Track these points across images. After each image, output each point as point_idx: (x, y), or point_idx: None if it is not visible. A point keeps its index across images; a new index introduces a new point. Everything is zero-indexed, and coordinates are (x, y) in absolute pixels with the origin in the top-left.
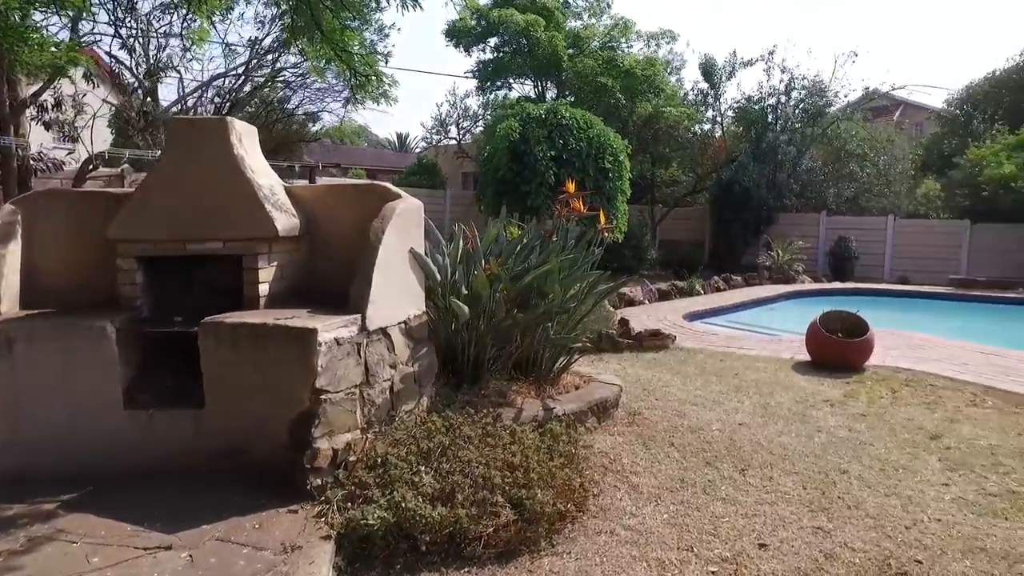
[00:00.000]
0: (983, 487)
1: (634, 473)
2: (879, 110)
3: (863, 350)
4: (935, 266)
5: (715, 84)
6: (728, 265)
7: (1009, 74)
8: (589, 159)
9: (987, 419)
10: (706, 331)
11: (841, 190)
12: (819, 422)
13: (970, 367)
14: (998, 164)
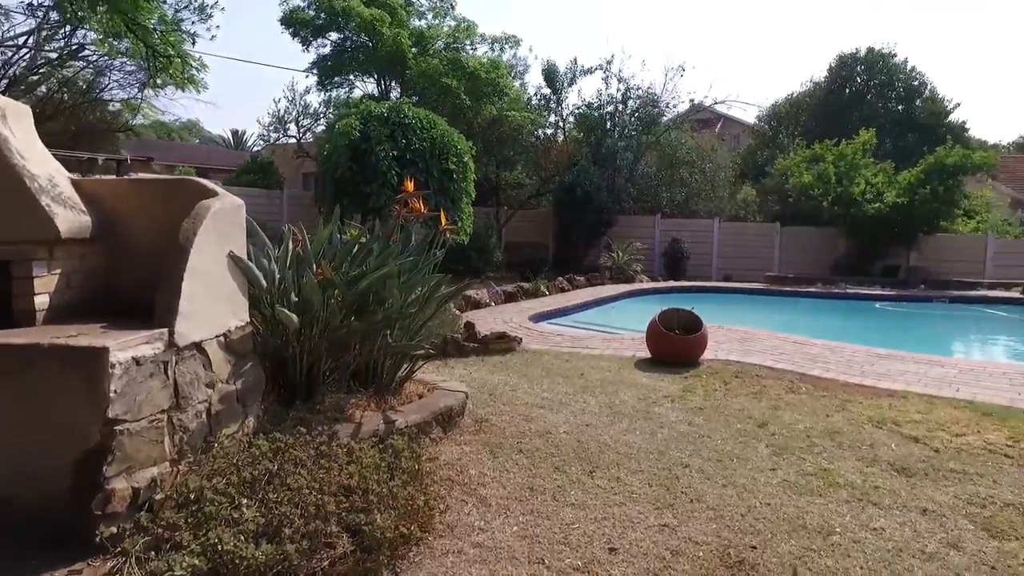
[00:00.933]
0: (802, 468)
1: (482, 485)
2: (704, 122)
3: (698, 345)
4: (753, 264)
5: (557, 90)
6: (572, 266)
7: (804, 96)
8: (433, 160)
9: (803, 404)
10: (552, 332)
11: (673, 194)
12: (661, 418)
13: (786, 356)
14: (799, 174)
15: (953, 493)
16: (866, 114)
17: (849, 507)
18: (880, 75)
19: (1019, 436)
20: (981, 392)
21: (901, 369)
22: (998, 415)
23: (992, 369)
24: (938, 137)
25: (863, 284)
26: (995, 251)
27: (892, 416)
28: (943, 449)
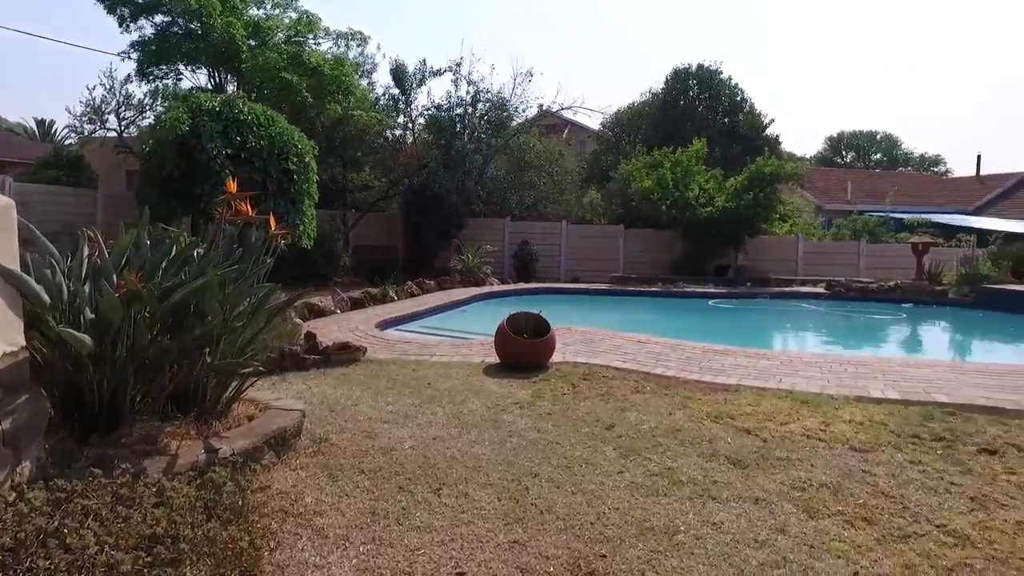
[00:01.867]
0: (648, 468)
1: (319, 514)
2: (552, 127)
3: (547, 349)
4: (600, 265)
5: (406, 90)
6: (422, 270)
7: (643, 105)
8: (272, 159)
9: (647, 404)
10: (400, 339)
11: (523, 197)
12: (510, 426)
13: (631, 356)
14: (641, 179)
15: (780, 480)
16: (698, 124)
17: (692, 504)
18: (709, 89)
19: (829, 421)
20: (799, 382)
21: (733, 364)
22: (812, 403)
23: (807, 359)
24: (758, 148)
25: (698, 283)
26: (805, 251)
27: (727, 410)
28: (771, 439)
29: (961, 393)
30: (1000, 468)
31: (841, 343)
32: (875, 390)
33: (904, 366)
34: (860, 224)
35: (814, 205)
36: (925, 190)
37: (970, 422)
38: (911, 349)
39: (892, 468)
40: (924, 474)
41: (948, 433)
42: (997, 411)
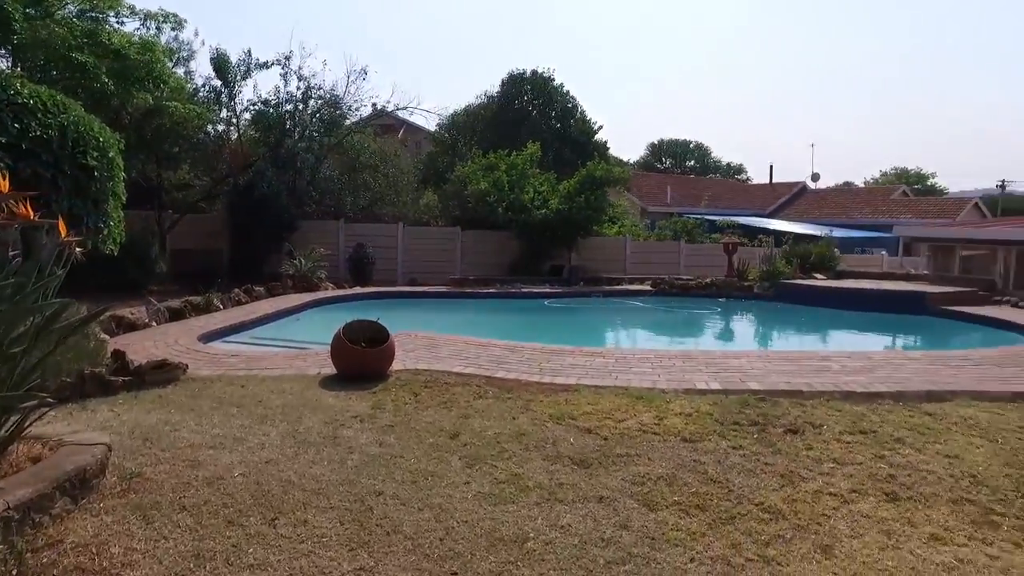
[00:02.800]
0: (495, 476)
1: (129, 565)
2: (387, 127)
3: (386, 357)
4: (438, 268)
5: (229, 83)
6: (251, 275)
7: (479, 108)
8: (65, 153)
9: (491, 409)
10: (227, 353)
11: (357, 199)
12: (351, 442)
13: (472, 360)
14: (477, 181)
15: (621, 477)
16: (532, 128)
17: (540, 509)
18: (543, 95)
19: (663, 414)
20: (633, 378)
21: (571, 363)
22: (646, 398)
23: (639, 355)
24: (588, 153)
25: (535, 283)
26: (632, 251)
27: (569, 411)
28: (611, 437)
29: (769, 380)
30: (801, 445)
31: (668, 338)
32: (700, 382)
33: (723, 357)
34: (679, 225)
35: (639, 207)
36: (731, 195)
37: (777, 406)
38: (727, 340)
39: (718, 455)
40: (744, 458)
41: (761, 418)
42: (796, 394)
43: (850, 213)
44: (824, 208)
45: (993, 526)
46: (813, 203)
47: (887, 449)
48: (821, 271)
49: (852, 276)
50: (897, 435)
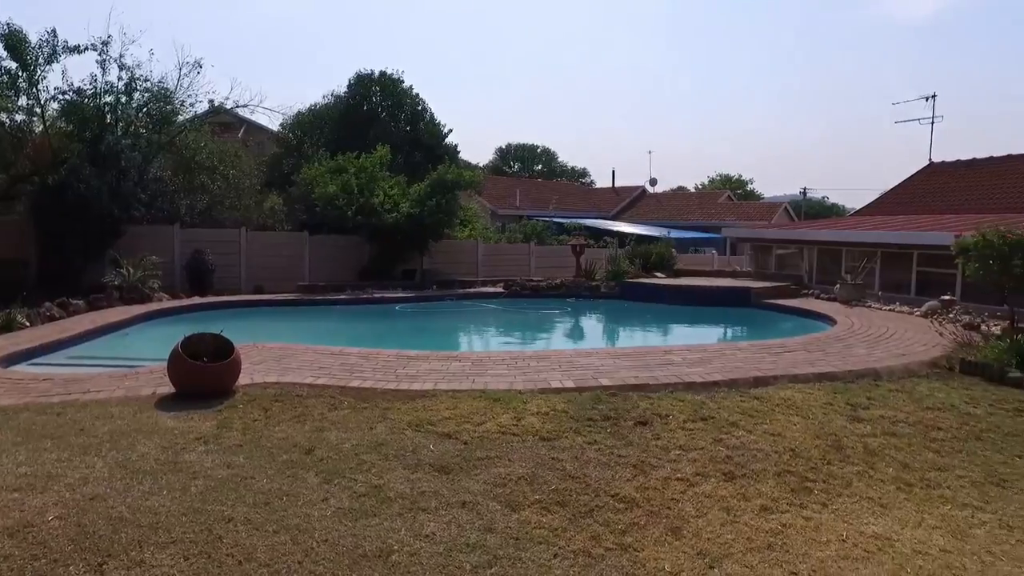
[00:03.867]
0: (355, 490)
1: None
2: (226, 125)
3: (231, 371)
4: (286, 274)
5: (29, 66)
6: (66, 288)
7: (327, 108)
8: None
9: (347, 420)
10: (35, 377)
11: (194, 202)
12: (194, 467)
13: (325, 370)
14: (325, 184)
15: (483, 480)
16: (382, 130)
17: (403, 520)
18: (392, 97)
19: (520, 415)
20: (490, 380)
21: (428, 368)
22: (504, 400)
23: (495, 357)
24: (438, 157)
25: (387, 288)
26: (484, 254)
27: (427, 417)
28: (471, 440)
29: (619, 375)
30: (650, 435)
31: (523, 338)
32: (555, 381)
33: (576, 356)
34: (529, 228)
35: (489, 211)
36: (578, 198)
37: (627, 400)
38: (579, 339)
39: (575, 451)
40: (599, 452)
41: (613, 412)
42: (644, 387)
43: (684, 215)
44: (662, 211)
45: (807, 492)
46: (652, 206)
47: (724, 433)
48: (661, 270)
49: (688, 274)
50: (732, 419)
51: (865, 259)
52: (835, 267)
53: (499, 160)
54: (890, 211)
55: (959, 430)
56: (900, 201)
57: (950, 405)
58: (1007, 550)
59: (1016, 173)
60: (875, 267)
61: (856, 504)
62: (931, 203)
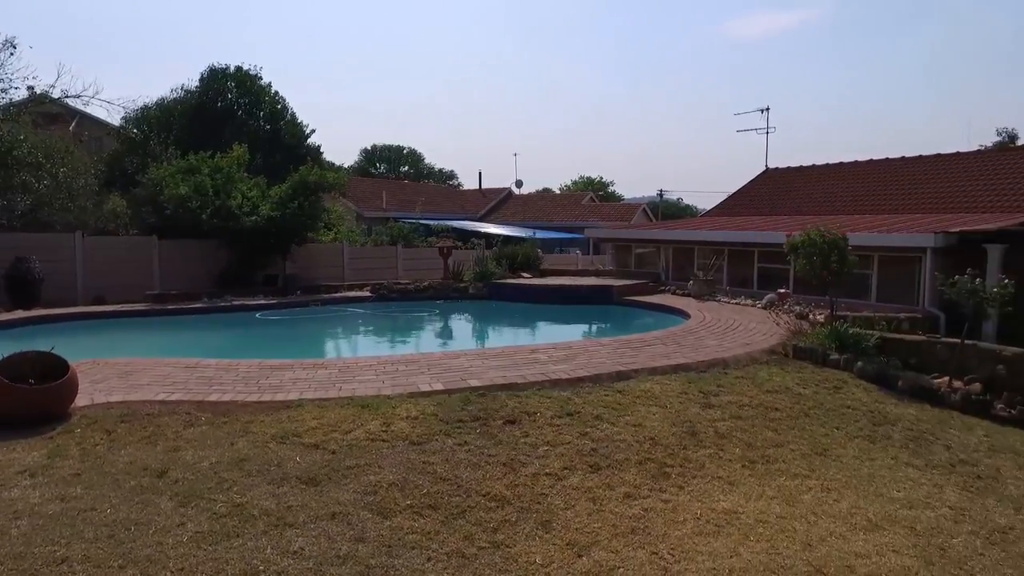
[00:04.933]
0: (215, 511)
1: None
2: (52, 117)
3: (65, 393)
4: (132, 281)
5: None
6: None
7: (176, 103)
8: None
9: (205, 437)
10: None
11: (14, 203)
12: (17, 504)
13: (180, 385)
14: (176, 185)
15: (353, 489)
16: (239, 129)
17: (268, 538)
18: (249, 94)
19: (389, 420)
20: (358, 387)
21: (293, 378)
22: (372, 406)
23: (362, 363)
24: (300, 157)
25: (248, 294)
26: (350, 257)
27: (293, 428)
28: (339, 450)
29: (487, 376)
30: (519, 433)
31: (391, 343)
32: (424, 384)
33: (444, 358)
34: (396, 230)
35: (355, 213)
36: (445, 200)
37: (496, 400)
38: (448, 341)
39: (445, 454)
40: (470, 452)
41: (482, 413)
42: (512, 387)
43: (550, 216)
44: (528, 212)
45: (666, 477)
46: (518, 207)
47: (589, 427)
48: (528, 270)
49: (554, 274)
50: (596, 413)
51: (715, 257)
52: (688, 264)
53: (365, 161)
54: (734, 212)
55: (792, 409)
56: (742, 203)
57: (785, 387)
58: (827, 509)
59: (840, 178)
60: (723, 264)
61: (708, 484)
62: (768, 205)
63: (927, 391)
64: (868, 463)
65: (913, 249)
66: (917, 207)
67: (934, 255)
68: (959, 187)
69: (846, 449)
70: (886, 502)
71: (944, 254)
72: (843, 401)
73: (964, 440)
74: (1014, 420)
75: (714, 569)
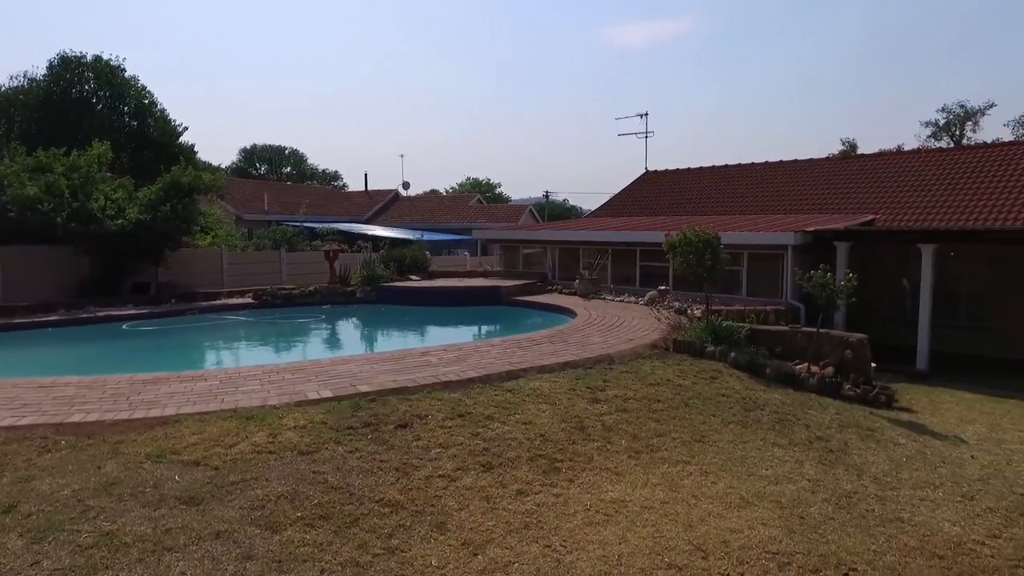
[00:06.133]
0: (78, 542)
1: None
2: None
3: None
4: None
5: None
6: None
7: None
8: None
9: (65, 463)
10: None
11: None
12: None
13: (33, 407)
14: (21, 185)
15: (238, 505)
16: (98, 124)
17: (144, 566)
18: (111, 86)
19: (276, 431)
20: (242, 398)
21: (169, 392)
22: (258, 417)
23: (246, 373)
24: (172, 156)
25: (115, 305)
26: (230, 263)
27: (170, 446)
28: (223, 465)
29: (377, 380)
30: (411, 437)
31: (277, 350)
32: (312, 392)
33: (333, 364)
34: (279, 234)
35: (234, 216)
36: (330, 202)
37: (387, 404)
38: (336, 347)
39: (336, 462)
40: (361, 459)
41: (373, 418)
42: (403, 390)
43: (438, 218)
44: (415, 214)
45: (556, 471)
46: (406, 209)
47: (481, 427)
48: (416, 272)
49: (443, 276)
50: (487, 413)
51: (599, 256)
52: (574, 264)
53: (244, 162)
54: (617, 213)
55: (673, 399)
56: (624, 204)
57: (666, 380)
58: (706, 491)
59: (713, 181)
60: (607, 263)
61: (597, 476)
62: (648, 206)
63: (790, 376)
64: (741, 446)
65: (776, 247)
66: (779, 208)
67: (794, 252)
68: (813, 190)
69: (722, 434)
70: (756, 480)
71: (802, 251)
72: (719, 390)
73: (820, 419)
74: (859, 398)
75: (604, 556)
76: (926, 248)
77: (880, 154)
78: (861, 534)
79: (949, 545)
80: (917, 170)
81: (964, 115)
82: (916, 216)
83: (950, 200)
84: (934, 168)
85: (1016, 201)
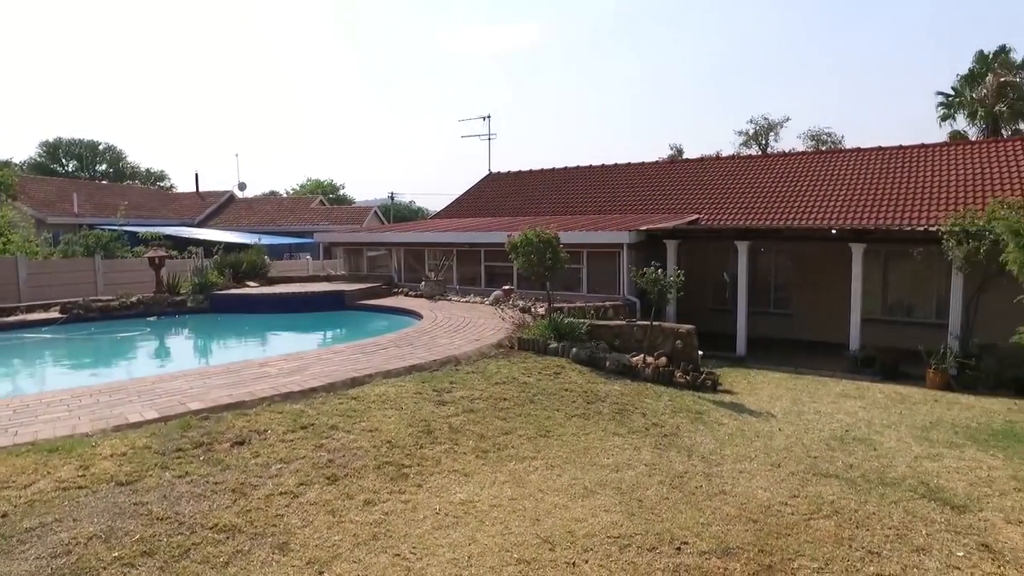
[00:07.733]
0: None
1: None
2: None
3: None
4: None
5: None
6: None
7: None
8: None
9: None
10: None
11: None
12: None
13: None
14: None
15: (36, 555)
16: None
17: None
18: None
19: (89, 462)
20: (43, 428)
21: None
22: (64, 448)
23: (49, 399)
24: None
25: None
26: (29, 272)
27: None
28: (14, 509)
29: (211, 396)
30: (249, 454)
31: (90, 370)
32: (133, 414)
33: (158, 382)
34: (93, 239)
35: (33, 219)
36: (155, 204)
37: (221, 421)
38: (163, 362)
39: (163, 490)
40: (192, 484)
41: (206, 437)
42: (240, 405)
43: (277, 221)
44: (253, 217)
45: (404, 477)
46: (243, 212)
47: (324, 438)
48: (254, 278)
49: (283, 281)
50: (331, 423)
51: (444, 257)
52: (420, 266)
53: (46, 157)
54: (462, 214)
55: (518, 397)
56: (469, 205)
57: (512, 378)
58: (551, 484)
59: (555, 182)
60: (453, 264)
61: (445, 479)
62: (492, 207)
63: (628, 368)
64: (584, 437)
65: (613, 245)
66: (616, 208)
67: (629, 250)
68: (645, 192)
69: (566, 428)
70: (599, 469)
71: (637, 249)
72: (562, 385)
73: (654, 406)
74: (689, 384)
75: (454, 559)
76: (741, 245)
77: (702, 159)
78: (691, 510)
79: (761, 509)
80: (734, 173)
81: (768, 126)
82: (734, 216)
83: (760, 202)
84: (748, 172)
85: (814, 205)
